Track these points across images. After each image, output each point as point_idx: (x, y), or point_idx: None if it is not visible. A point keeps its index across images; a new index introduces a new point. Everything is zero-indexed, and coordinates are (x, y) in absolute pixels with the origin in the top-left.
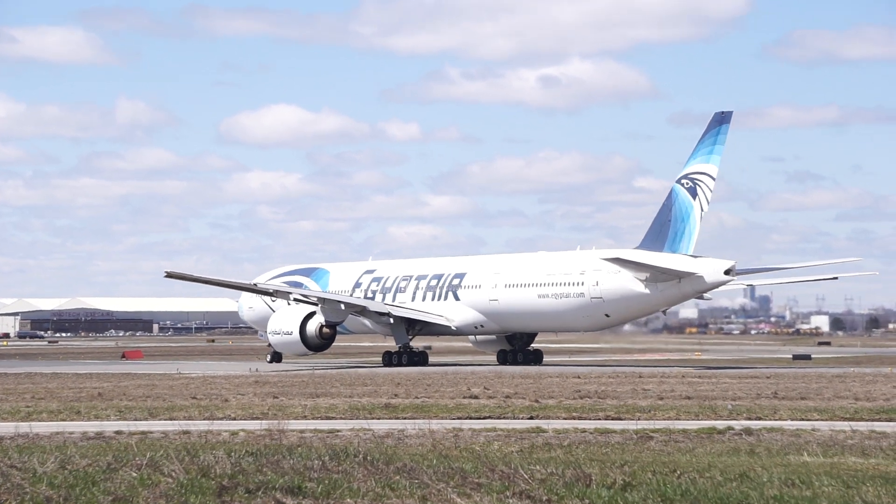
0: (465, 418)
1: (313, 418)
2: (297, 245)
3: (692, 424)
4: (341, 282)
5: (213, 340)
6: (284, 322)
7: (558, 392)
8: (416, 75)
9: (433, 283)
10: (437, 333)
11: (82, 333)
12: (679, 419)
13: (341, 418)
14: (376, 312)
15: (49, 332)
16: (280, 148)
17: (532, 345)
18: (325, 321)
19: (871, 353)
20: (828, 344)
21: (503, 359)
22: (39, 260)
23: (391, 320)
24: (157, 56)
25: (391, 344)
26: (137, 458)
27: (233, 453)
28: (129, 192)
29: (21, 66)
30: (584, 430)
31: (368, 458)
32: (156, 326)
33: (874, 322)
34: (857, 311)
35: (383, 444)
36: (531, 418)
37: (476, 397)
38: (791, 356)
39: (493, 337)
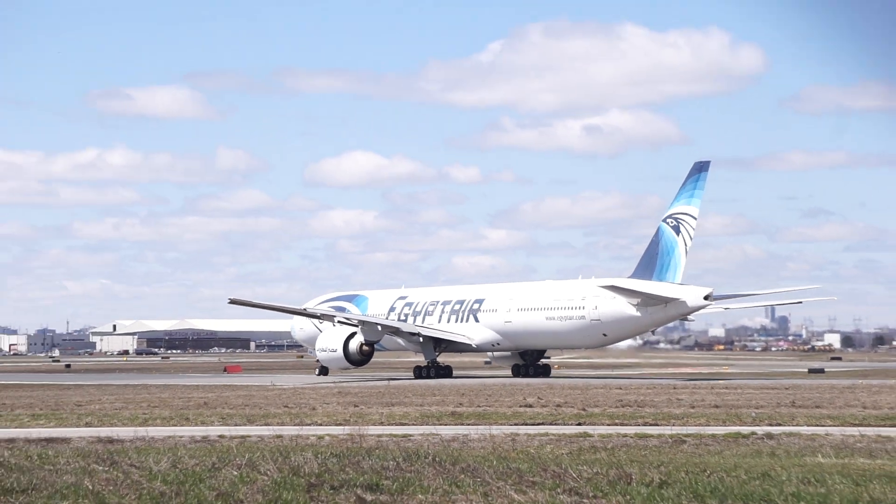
0: (522, 424)
1: (389, 424)
2: (374, 274)
3: (720, 430)
4: (378, 306)
5: (301, 356)
6: (330, 341)
7: (603, 401)
8: (476, 125)
9: (456, 307)
10: (459, 350)
11: (190, 350)
12: (709, 425)
13: (413, 424)
14: (408, 332)
15: (162, 349)
16: (358, 189)
17: (541, 360)
18: (365, 340)
19: (878, 367)
20: (839, 359)
21: (517, 372)
22: (153, 287)
23: (421, 339)
24: (251, 111)
25: (421, 359)
26: (237, 459)
27: (319, 455)
28: (229, 229)
29: (136, 121)
30: (625, 435)
31: (437, 459)
32: (253, 344)
33: (880, 339)
34: (865, 329)
35: (450, 447)
36: (579, 424)
37: (531, 406)
38: (807, 370)
39: (509, 353)
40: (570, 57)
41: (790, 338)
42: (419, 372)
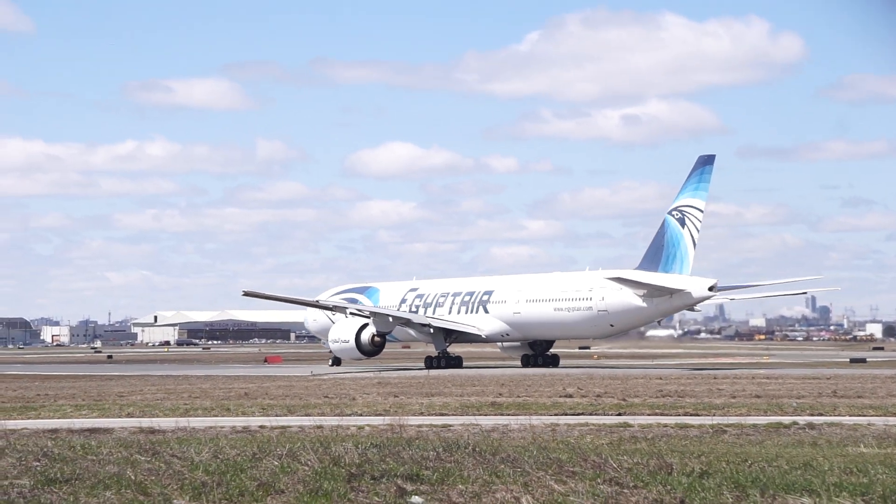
0: (562, 414)
1: (429, 414)
2: (413, 264)
3: (761, 420)
4: (390, 298)
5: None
6: (342, 332)
7: (643, 392)
8: (513, 115)
9: (466, 298)
10: (470, 341)
11: (230, 341)
12: (749, 415)
13: (453, 414)
14: (419, 324)
15: (203, 340)
16: (396, 180)
17: (550, 350)
18: (377, 331)
19: None
20: (881, 349)
21: (526, 362)
22: (193, 278)
23: (431, 330)
24: (289, 102)
25: (432, 350)
26: (278, 449)
27: (360, 445)
28: (267, 220)
29: (175, 112)
30: (665, 425)
31: (477, 449)
32: (293, 335)
33: None
34: None
35: (490, 438)
36: (619, 415)
37: (570, 396)
38: (848, 360)
39: (518, 344)
40: (609, 46)
41: (831, 327)
42: (430, 362)
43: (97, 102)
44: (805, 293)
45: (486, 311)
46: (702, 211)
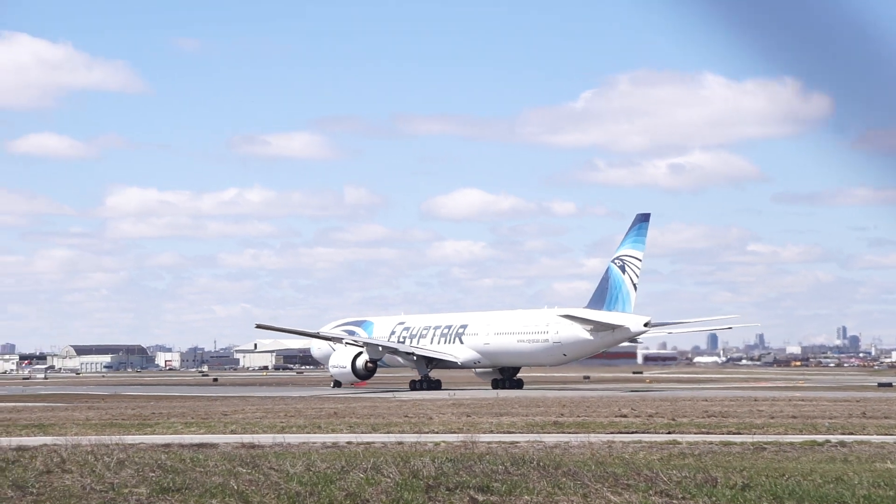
0: (617, 433)
1: (498, 432)
2: (482, 298)
3: (797, 438)
4: (382, 330)
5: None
6: (341, 359)
7: (690, 412)
8: (572, 165)
9: (445, 331)
10: (447, 367)
11: (321, 367)
12: (787, 434)
13: (520, 432)
14: (404, 352)
15: (297, 365)
16: (468, 222)
17: (516, 376)
18: (369, 358)
19: None
20: None
21: (496, 385)
22: (288, 310)
23: (415, 358)
24: (373, 152)
25: (416, 374)
26: (363, 463)
27: (436, 459)
28: (354, 258)
29: (272, 162)
30: (711, 443)
31: (541, 464)
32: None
33: None
34: None
35: (552, 453)
36: (669, 433)
37: (625, 416)
38: (876, 384)
39: (490, 370)
40: (656, 102)
41: (861, 354)
42: (414, 385)
43: (204, 154)
44: (730, 328)
45: (462, 342)
46: (640, 260)
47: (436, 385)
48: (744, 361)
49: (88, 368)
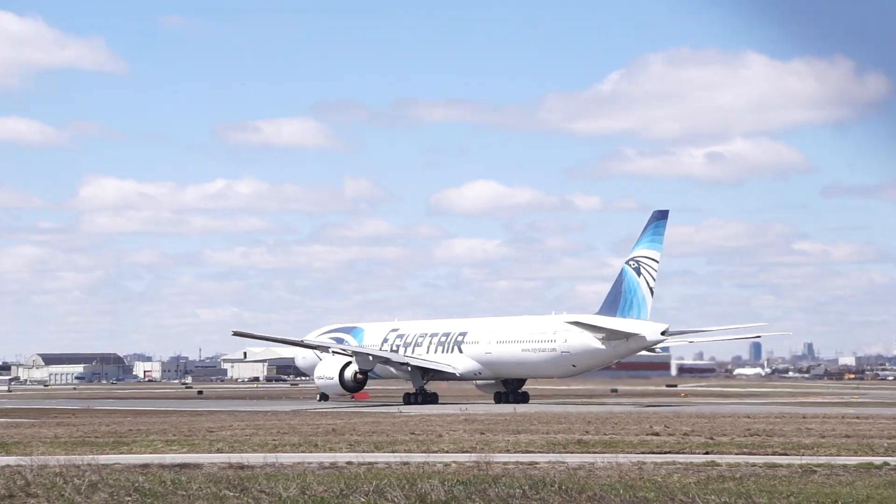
0: (648, 453)
1: (515, 452)
2: (496, 301)
3: (851, 460)
4: (373, 338)
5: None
6: (327, 369)
7: (730, 430)
8: (596, 154)
9: (443, 339)
10: (445, 379)
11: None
12: (839, 455)
13: (539, 452)
14: (397, 362)
15: (291, 376)
16: (481, 218)
17: (521, 388)
18: (359, 369)
19: None
20: None
21: (499, 399)
22: (281, 314)
23: (409, 368)
24: (375, 141)
25: (410, 387)
26: (365, 486)
27: (446, 482)
28: (355, 257)
29: (264, 151)
30: (753, 465)
31: (563, 487)
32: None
33: None
34: None
35: (576, 476)
36: (707, 453)
37: (657, 434)
38: None
39: (492, 382)
40: (692, 85)
41: None
42: (408, 398)
43: (189, 142)
44: (759, 337)
45: (461, 351)
46: (657, 261)
47: (432, 398)
48: (790, 374)
49: (58, 380)
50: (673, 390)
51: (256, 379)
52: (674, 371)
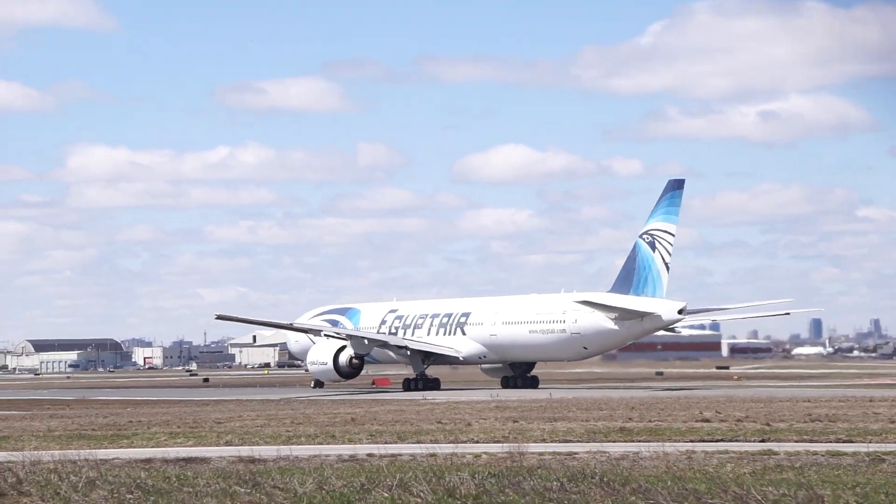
0: (698, 441)
1: (552, 441)
2: (528, 277)
3: None
4: (370, 319)
5: (456, 368)
6: (321, 354)
7: (789, 416)
8: (637, 114)
9: (444, 320)
10: (447, 363)
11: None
12: None
13: (578, 441)
14: (396, 346)
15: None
16: (510, 185)
17: (530, 372)
18: (354, 353)
19: None
20: None
21: (506, 384)
22: (292, 294)
23: (408, 352)
24: (393, 102)
25: (409, 372)
26: (388, 480)
27: (476, 475)
28: (371, 230)
29: (269, 115)
30: (815, 453)
31: (605, 479)
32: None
33: None
34: None
35: (619, 466)
36: (763, 441)
37: (708, 420)
38: None
39: (499, 365)
40: (742, 37)
41: None
42: (408, 384)
43: (186, 106)
44: (788, 314)
45: (464, 333)
46: (673, 235)
47: (434, 384)
48: (855, 353)
49: (50, 368)
50: (724, 372)
51: (267, 365)
52: (725, 351)
